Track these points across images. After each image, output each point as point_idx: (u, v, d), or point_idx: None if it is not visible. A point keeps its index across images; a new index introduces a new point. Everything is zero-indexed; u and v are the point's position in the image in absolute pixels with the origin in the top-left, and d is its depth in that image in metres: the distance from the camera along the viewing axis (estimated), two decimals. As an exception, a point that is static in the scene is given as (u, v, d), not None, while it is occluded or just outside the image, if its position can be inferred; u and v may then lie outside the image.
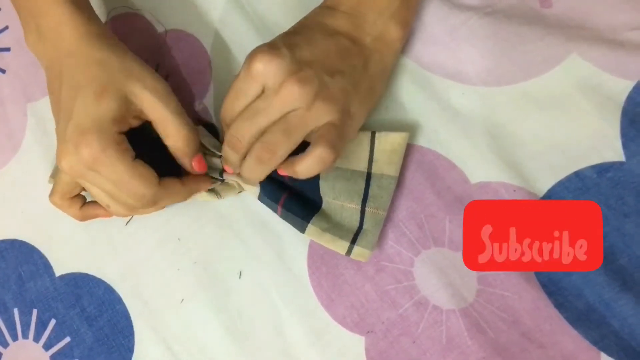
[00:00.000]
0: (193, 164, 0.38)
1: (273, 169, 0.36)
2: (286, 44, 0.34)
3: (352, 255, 0.38)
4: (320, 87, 0.34)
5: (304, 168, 0.34)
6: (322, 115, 0.34)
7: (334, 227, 0.39)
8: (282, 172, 0.36)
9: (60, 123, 0.36)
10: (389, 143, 0.39)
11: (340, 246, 0.38)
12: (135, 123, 0.37)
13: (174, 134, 0.37)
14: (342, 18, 0.37)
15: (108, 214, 0.41)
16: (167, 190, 0.37)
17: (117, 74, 0.36)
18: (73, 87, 0.36)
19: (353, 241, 0.38)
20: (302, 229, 0.39)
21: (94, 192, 0.38)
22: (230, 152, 0.37)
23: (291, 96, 0.33)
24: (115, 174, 0.35)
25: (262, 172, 0.36)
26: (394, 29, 0.38)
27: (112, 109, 0.35)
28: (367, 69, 0.37)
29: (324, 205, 0.39)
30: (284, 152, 0.35)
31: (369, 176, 0.39)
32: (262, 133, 0.35)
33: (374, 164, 0.39)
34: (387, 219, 0.40)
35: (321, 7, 0.39)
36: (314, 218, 0.39)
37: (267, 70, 0.33)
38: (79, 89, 0.35)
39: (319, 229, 0.38)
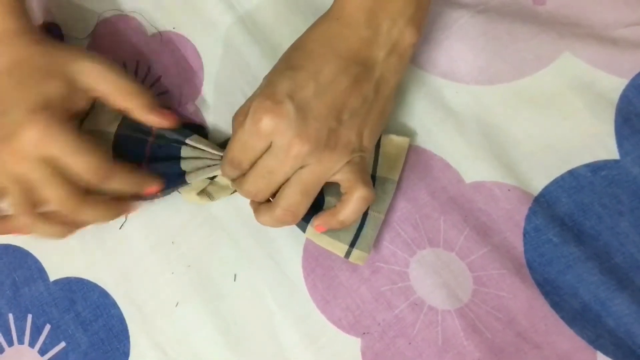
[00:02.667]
0: (161, 117, 0.38)
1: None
2: (290, 94, 0.33)
3: (351, 258, 0.38)
4: (329, 137, 0.33)
5: (348, 216, 0.35)
6: (335, 164, 0.34)
7: None
8: (322, 228, 0.37)
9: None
10: (393, 147, 0.39)
11: (338, 248, 0.38)
12: (82, 104, 0.37)
13: (132, 93, 0.37)
14: (353, 35, 0.35)
15: (24, 230, 0.38)
16: (119, 171, 0.36)
17: (58, 59, 0.36)
18: (14, 76, 0.36)
19: (352, 244, 0.38)
20: (303, 229, 0.38)
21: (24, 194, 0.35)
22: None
23: (301, 155, 0.33)
24: (64, 146, 0.34)
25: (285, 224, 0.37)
26: (410, 34, 0.35)
27: (58, 87, 0.35)
28: (379, 93, 0.35)
29: (325, 206, 0.39)
30: (305, 209, 0.35)
31: (373, 179, 0.39)
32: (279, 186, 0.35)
33: (378, 168, 0.39)
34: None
35: (329, 19, 0.36)
36: (313, 218, 0.38)
37: (273, 130, 0.33)
38: (21, 78, 0.35)
39: None
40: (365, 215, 0.38)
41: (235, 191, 0.41)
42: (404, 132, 0.41)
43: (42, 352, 0.43)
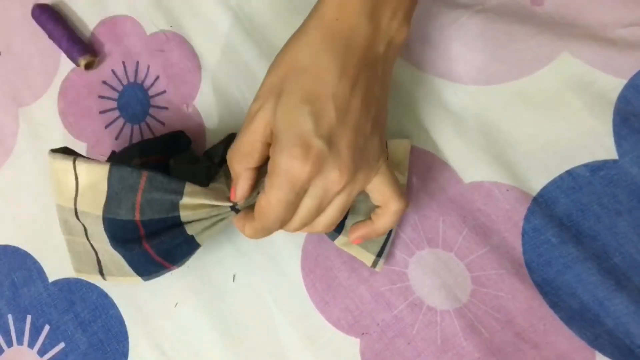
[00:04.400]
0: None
1: None
2: (316, 131, 0.30)
3: (377, 268, 0.39)
4: (361, 158, 0.32)
5: (386, 230, 0.35)
6: (368, 178, 0.33)
7: None
8: (359, 241, 0.36)
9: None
10: (400, 152, 0.39)
11: (366, 258, 0.38)
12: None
13: None
14: (357, 35, 0.32)
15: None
16: None
17: None
18: None
19: (379, 254, 0.38)
20: (333, 238, 0.38)
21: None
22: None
23: (342, 187, 0.32)
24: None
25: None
26: (405, 29, 0.34)
27: None
28: (383, 89, 0.34)
29: (351, 212, 0.38)
30: (339, 221, 0.35)
31: None
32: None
33: None
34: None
35: (326, 22, 0.32)
36: (343, 230, 0.38)
37: (313, 176, 0.31)
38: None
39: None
40: None
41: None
42: (403, 132, 0.41)
43: (42, 352, 0.43)
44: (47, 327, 0.44)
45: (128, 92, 0.47)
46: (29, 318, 0.44)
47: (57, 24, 0.48)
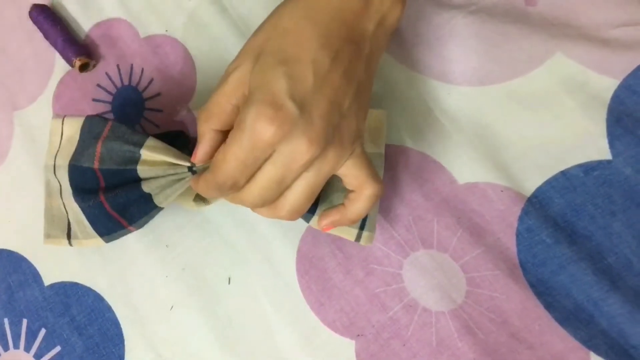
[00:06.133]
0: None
1: None
2: (290, 93, 0.29)
3: (362, 241, 0.37)
4: (334, 134, 0.30)
5: (359, 215, 0.33)
6: (340, 159, 0.31)
7: None
8: (330, 228, 0.35)
9: None
10: (372, 120, 0.38)
11: (348, 233, 0.37)
12: None
13: None
14: (344, 6, 0.31)
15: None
16: None
17: None
18: None
19: (362, 226, 0.36)
20: (307, 220, 0.37)
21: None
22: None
23: (310, 160, 0.30)
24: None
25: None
26: (398, 7, 0.32)
27: None
28: (368, 71, 0.32)
29: (322, 200, 0.37)
30: (308, 207, 0.33)
31: None
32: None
33: (364, 145, 0.36)
34: (376, 222, 0.40)
35: None
36: (317, 208, 0.37)
37: (280, 139, 0.29)
38: None
39: None
40: None
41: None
42: (397, 133, 0.41)
43: (38, 356, 0.43)
44: (43, 331, 0.44)
45: (122, 94, 0.47)
46: (24, 322, 0.44)
47: (54, 24, 0.48)
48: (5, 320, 0.45)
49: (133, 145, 0.34)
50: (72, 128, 0.37)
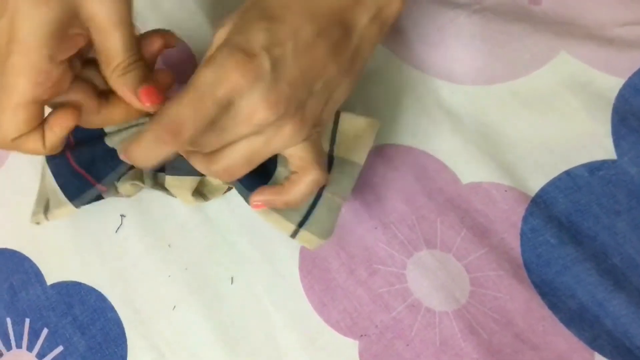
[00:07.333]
0: (141, 95, 0.30)
1: None
2: (267, 48, 0.28)
3: (298, 240, 0.36)
4: (297, 109, 0.29)
5: (295, 199, 0.32)
6: (293, 139, 0.30)
7: None
8: (261, 206, 0.33)
9: None
10: (352, 127, 0.36)
11: (285, 227, 0.36)
12: (79, 43, 0.30)
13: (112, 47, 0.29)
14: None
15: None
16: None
17: None
18: None
19: (300, 224, 0.35)
20: (246, 198, 0.36)
21: None
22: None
23: (263, 124, 0.28)
24: None
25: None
26: (398, 0, 0.31)
27: (54, 12, 0.28)
28: (353, 63, 0.31)
29: (275, 174, 0.35)
30: (242, 174, 0.31)
31: (331, 159, 0.37)
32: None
33: (336, 147, 0.37)
34: (379, 222, 0.40)
35: None
36: (254, 193, 0.35)
37: (242, 88, 0.27)
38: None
39: None
40: (318, 196, 0.35)
41: (230, 189, 0.41)
42: (400, 132, 0.41)
43: (40, 356, 0.43)
44: (45, 331, 0.44)
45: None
46: (27, 321, 0.44)
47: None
48: (8, 320, 0.45)
49: None
50: None
